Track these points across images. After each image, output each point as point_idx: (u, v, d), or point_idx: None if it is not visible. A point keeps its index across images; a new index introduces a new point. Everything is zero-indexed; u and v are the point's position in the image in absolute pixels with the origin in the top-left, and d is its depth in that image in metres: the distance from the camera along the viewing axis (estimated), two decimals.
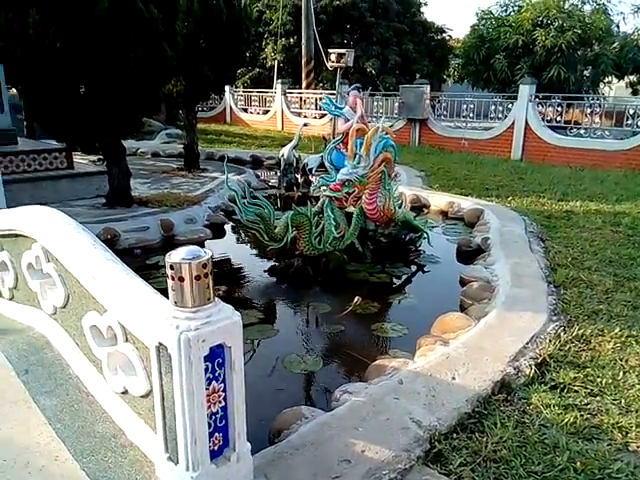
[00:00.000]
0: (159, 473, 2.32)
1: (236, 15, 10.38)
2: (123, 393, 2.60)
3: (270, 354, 4.20)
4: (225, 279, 5.64)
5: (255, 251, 6.71)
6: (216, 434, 2.22)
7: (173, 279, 2.01)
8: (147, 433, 2.44)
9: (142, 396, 2.47)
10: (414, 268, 6.21)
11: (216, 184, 9.57)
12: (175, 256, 2.00)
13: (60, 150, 8.61)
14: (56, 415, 2.63)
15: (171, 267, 2.00)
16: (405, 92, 15.73)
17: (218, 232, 7.47)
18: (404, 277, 5.98)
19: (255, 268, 6.12)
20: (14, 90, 9.13)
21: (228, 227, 7.75)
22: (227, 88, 19.82)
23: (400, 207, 6.26)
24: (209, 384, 2.13)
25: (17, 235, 3.37)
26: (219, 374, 2.16)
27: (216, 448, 2.24)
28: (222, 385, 2.18)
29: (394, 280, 5.88)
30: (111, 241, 6.18)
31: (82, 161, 9.36)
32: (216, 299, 2.13)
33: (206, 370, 2.10)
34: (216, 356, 2.12)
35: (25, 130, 12.04)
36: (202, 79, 10.02)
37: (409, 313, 5.05)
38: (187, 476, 2.16)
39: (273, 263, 5.96)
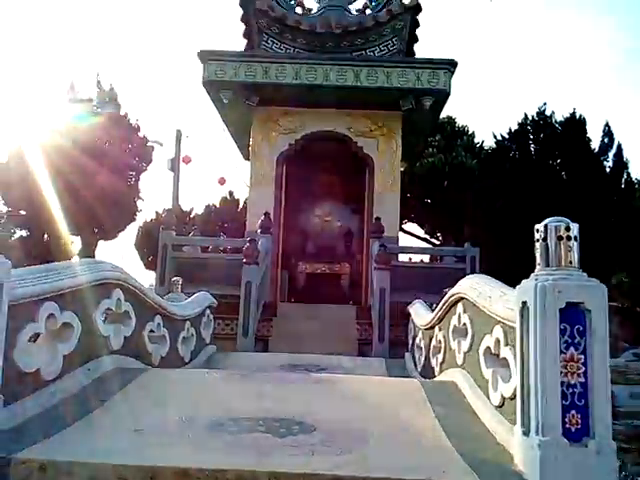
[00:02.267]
0: (515, 455, 2.33)
1: None
2: (499, 407, 2.80)
3: None
4: None
5: None
6: (572, 412, 2.17)
7: (538, 240, 2.35)
8: (509, 431, 2.52)
9: (511, 398, 2.62)
10: None
11: None
12: (542, 222, 2.36)
13: None
14: (443, 415, 3.03)
15: (537, 230, 2.36)
16: None
17: None
18: None
19: None
20: None
21: None
22: None
23: None
24: (566, 348, 2.20)
25: (456, 301, 4.11)
26: (578, 342, 2.21)
27: (572, 429, 2.15)
28: (582, 357, 2.19)
29: None
30: None
31: None
32: (580, 270, 2.29)
33: (563, 332, 2.21)
34: (575, 321, 2.21)
35: None
36: None
37: None
38: (535, 442, 2.14)
39: None
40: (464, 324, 3.66)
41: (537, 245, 2.36)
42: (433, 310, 6.18)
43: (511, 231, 7.25)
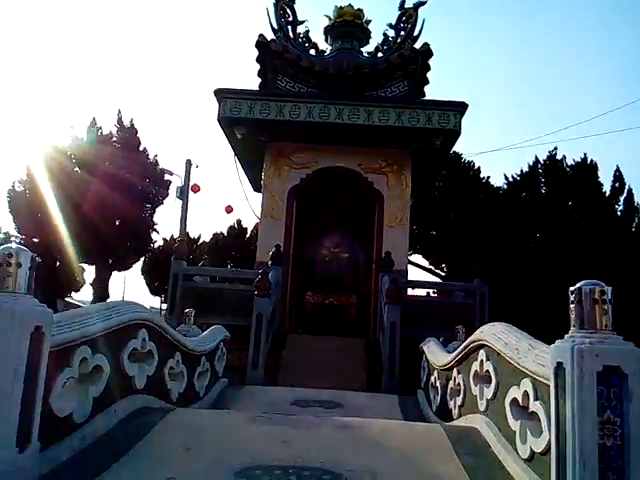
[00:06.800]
0: None
1: None
2: (528, 460, 2.82)
3: None
4: None
5: None
6: (609, 474, 2.19)
7: (572, 303, 2.41)
8: None
9: (542, 453, 2.65)
10: None
11: None
12: (577, 285, 2.43)
13: None
14: (471, 466, 3.04)
15: (571, 292, 2.42)
16: None
17: None
18: None
19: None
20: None
21: None
22: None
23: None
24: (603, 411, 2.24)
25: (477, 347, 4.10)
26: (615, 405, 2.25)
27: None
28: (618, 420, 2.23)
29: None
30: None
31: None
32: (615, 333, 2.35)
33: (600, 395, 2.25)
34: (611, 384, 2.25)
35: None
36: None
37: None
38: None
39: None
40: (487, 371, 3.69)
41: (572, 307, 2.42)
42: (445, 347, 6.20)
43: (521, 271, 7.31)
